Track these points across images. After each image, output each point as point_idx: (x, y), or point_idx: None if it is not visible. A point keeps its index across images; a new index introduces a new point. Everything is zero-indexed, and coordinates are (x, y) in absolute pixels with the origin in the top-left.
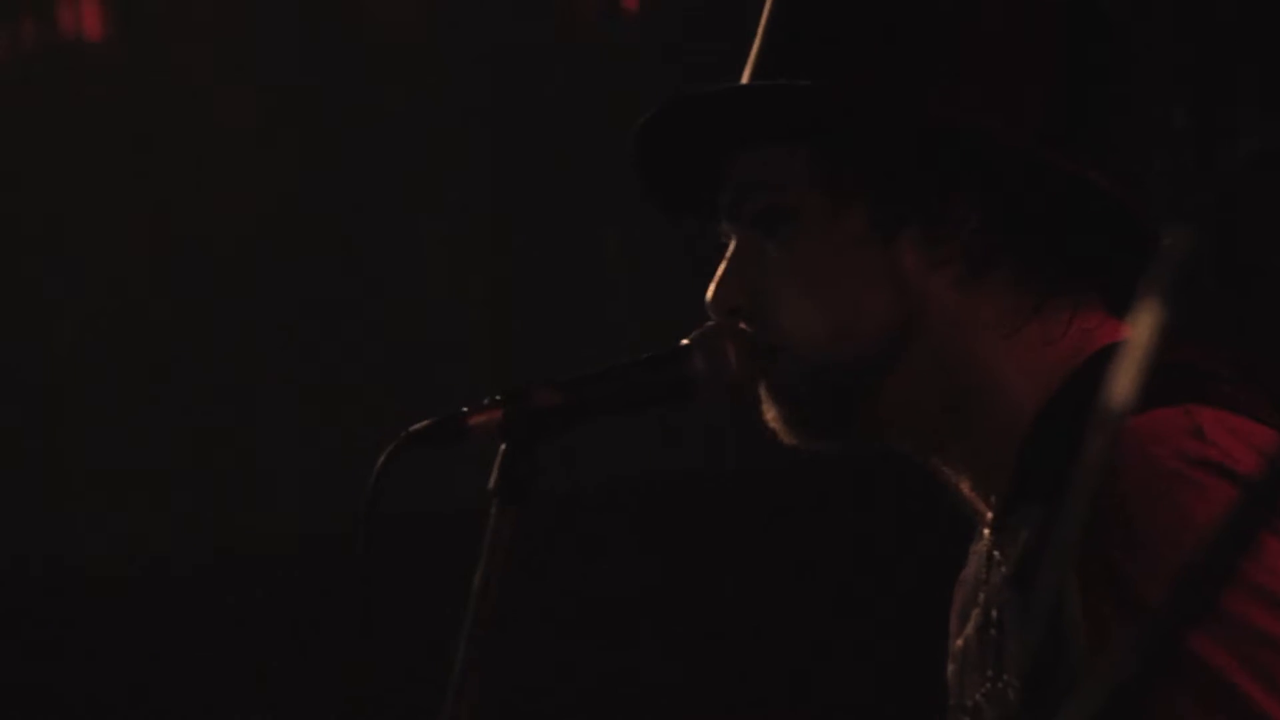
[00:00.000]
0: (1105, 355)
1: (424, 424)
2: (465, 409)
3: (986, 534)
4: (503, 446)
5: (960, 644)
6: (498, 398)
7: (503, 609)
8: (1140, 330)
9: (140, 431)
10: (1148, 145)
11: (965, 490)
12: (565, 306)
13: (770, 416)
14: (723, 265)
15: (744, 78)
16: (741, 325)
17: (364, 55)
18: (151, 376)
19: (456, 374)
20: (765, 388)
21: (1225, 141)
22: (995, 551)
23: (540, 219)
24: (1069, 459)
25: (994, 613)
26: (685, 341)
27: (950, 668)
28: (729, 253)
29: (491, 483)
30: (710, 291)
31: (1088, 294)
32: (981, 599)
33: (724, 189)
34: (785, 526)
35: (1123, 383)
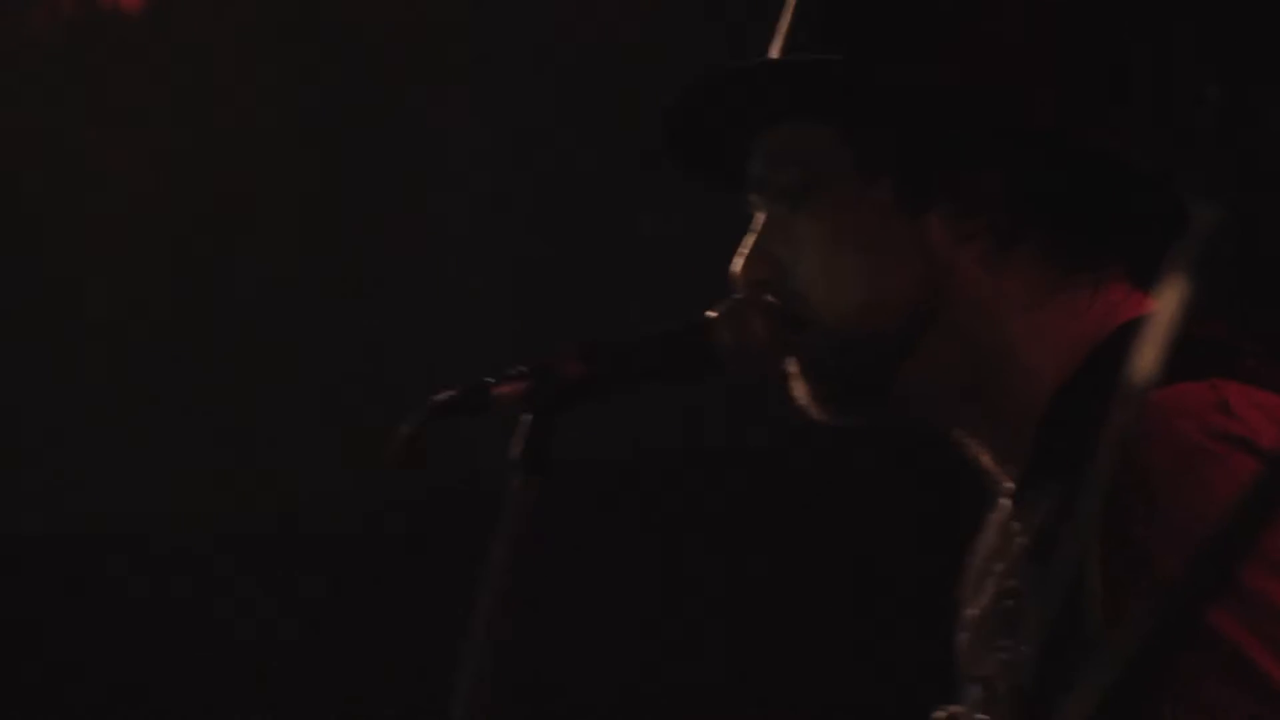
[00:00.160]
0: (1130, 329)
1: (449, 394)
2: (491, 379)
3: (1005, 504)
4: (528, 417)
5: (974, 613)
6: (523, 369)
7: (524, 581)
8: (1165, 305)
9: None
10: (1178, 119)
11: (986, 461)
12: (595, 283)
13: (799, 393)
14: (749, 237)
15: (772, 50)
16: (768, 297)
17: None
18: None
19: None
20: (794, 363)
21: (1257, 118)
22: (1014, 522)
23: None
24: (1091, 432)
25: (1011, 582)
26: (710, 313)
27: (961, 636)
28: (755, 225)
29: (516, 453)
30: (736, 264)
31: (1114, 269)
32: (999, 569)
33: (753, 161)
34: (776, 507)
35: (1147, 356)
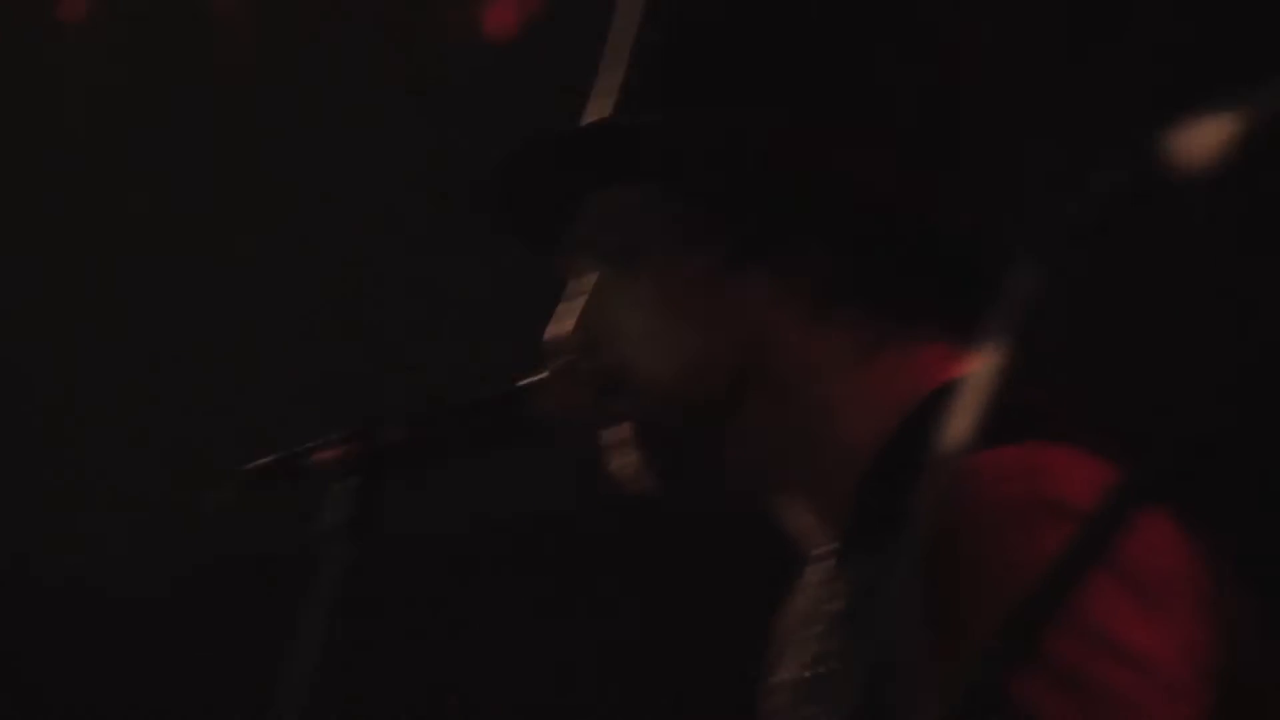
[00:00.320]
0: (946, 392)
1: (265, 460)
2: (309, 444)
3: (819, 568)
4: (348, 484)
5: (784, 678)
6: (344, 434)
7: (336, 648)
8: (981, 367)
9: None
10: (1002, 183)
11: (802, 525)
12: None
13: (616, 462)
14: (567, 301)
15: (597, 111)
16: (591, 363)
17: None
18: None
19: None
20: (618, 431)
21: (1079, 181)
22: (828, 586)
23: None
24: (908, 496)
25: (826, 648)
26: (532, 379)
27: (770, 701)
28: (573, 288)
29: (334, 520)
30: (557, 327)
31: (936, 331)
32: (811, 634)
33: (575, 224)
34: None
35: (961, 420)
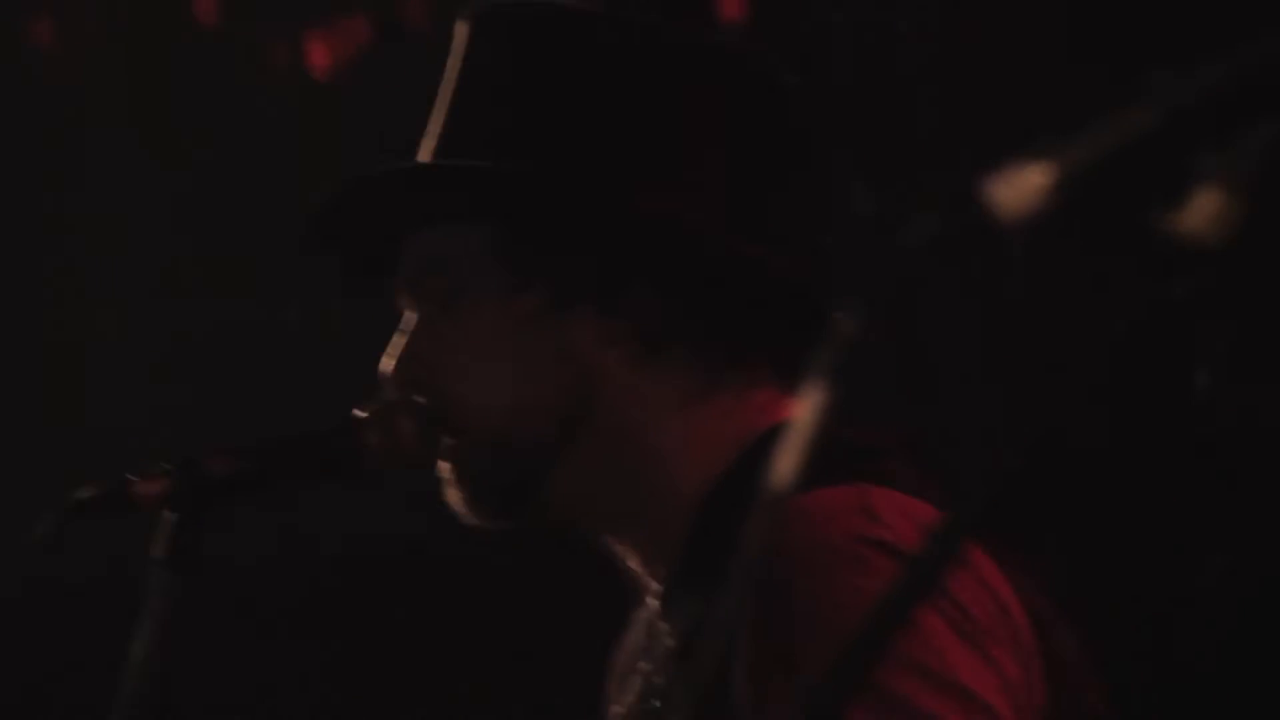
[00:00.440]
0: (775, 433)
1: (89, 493)
2: (132, 477)
3: (652, 604)
4: (170, 515)
5: (619, 711)
6: (166, 466)
7: (161, 682)
8: (806, 409)
9: None
10: (826, 225)
11: (634, 562)
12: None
13: (452, 498)
14: (399, 338)
15: (424, 152)
16: (418, 399)
17: None
18: None
19: None
20: (445, 470)
21: (902, 222)
22: (661, 623)
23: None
24: (736, 536)
25: (657, 682)
26: (358, 413)
27: None
28: (405, 323)
29: (157, 552)
30: (385, 364)
31: (764, 373)
32: (644, 668)
33: (404, 261)
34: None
35: (787, 460)
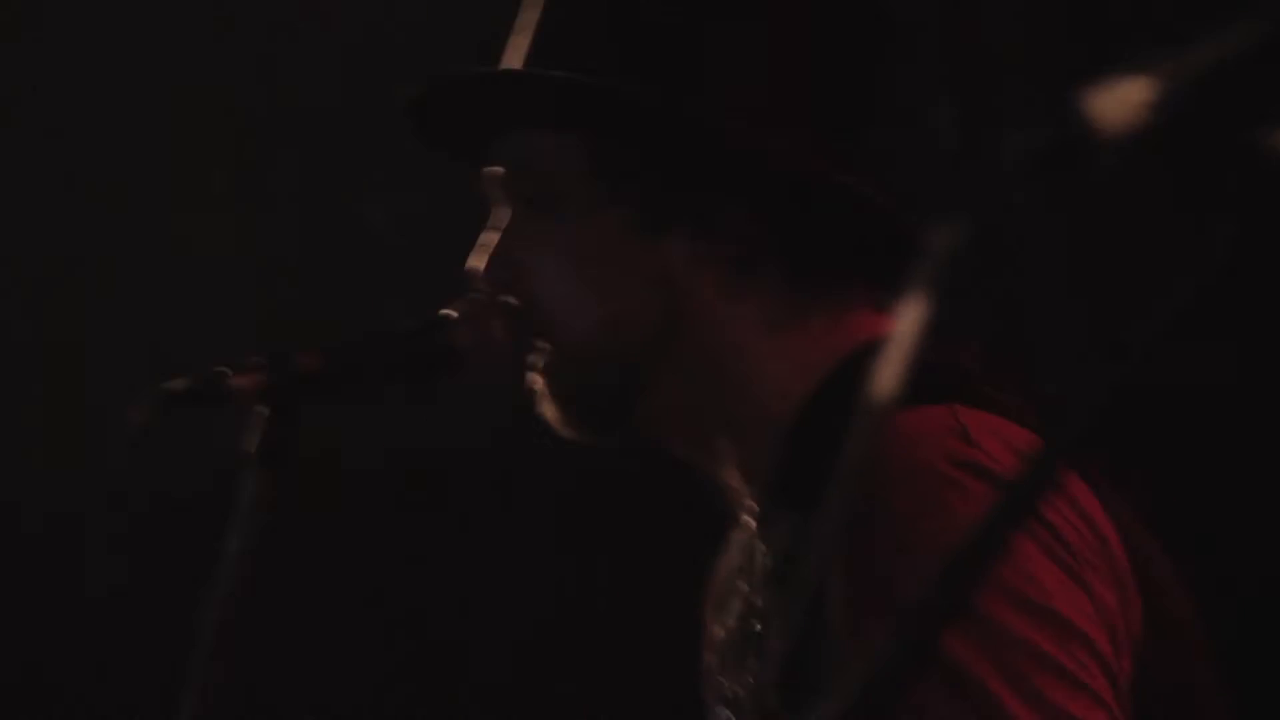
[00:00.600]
0: (869, 350)
1: (182, 383)
2: (226, 369)
3: (749, 523)
4: (264, 410)
5: (720, 634)
6: (260, 359)
7: (256, 575)
8: (903, 327)
9: None
10: (914, 141)
11: (728, 481)
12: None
13: (547, 413)
14: (488, 235)
15: (518, 52)
16: (508, 298)
17: None
18: None
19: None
20: (537, 384)
21: (990, 138)
22: (758, 542)
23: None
24: (831, 452)
25: (757, 603)
26: (449, 312)
27: (709, 657)
28: (495, 220)
29: (251, 446)
30: (474, 261)
31: (857, 295)
32: (744, 589)
33: (497, 155)
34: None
35: (886, 377)
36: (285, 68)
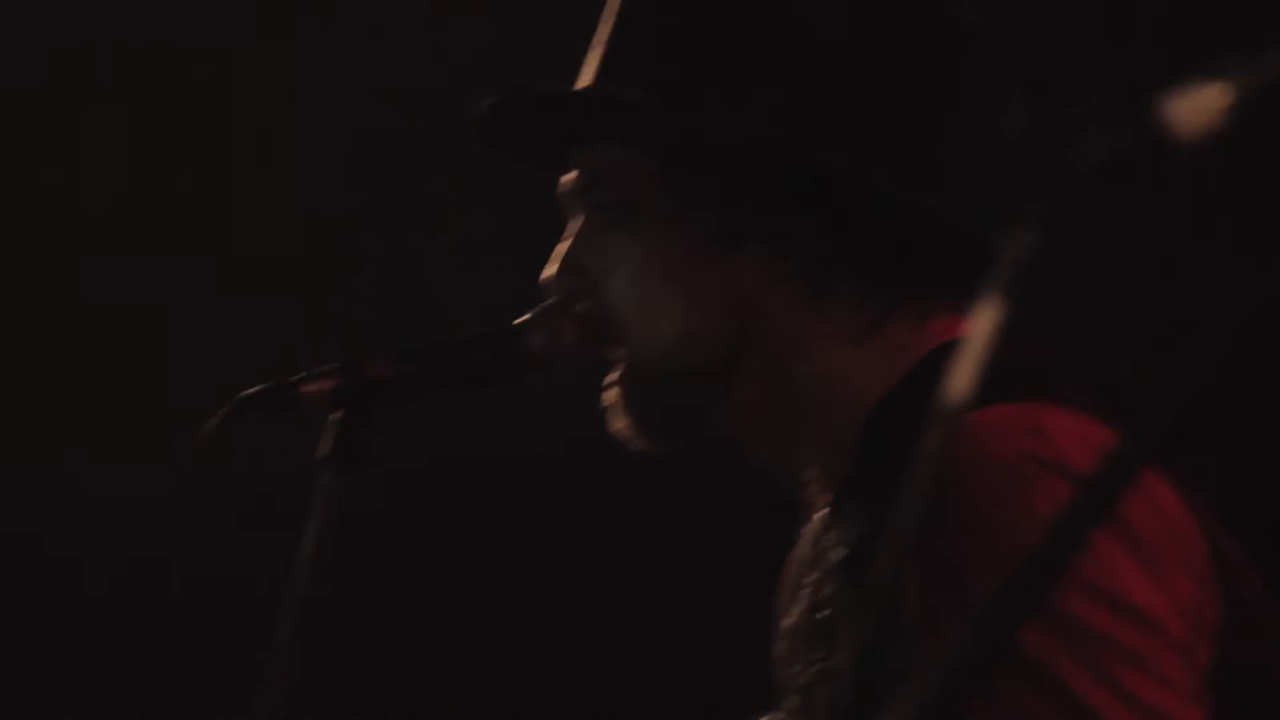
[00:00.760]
0: (945, 350)
1: (256, 390)
2: (299, 376)
3: (819, 515)
4: (336, 415)
5: (789, 623)
6: (332, 366)
7: (329, 579)
8: (979, 327)
9: None
10: (985, 148)
11: (801, 476)
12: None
13: (617, 425)
14: (564, 243)
15: (590, 67)
16: (580, 306)
17: None
18: None
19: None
20: (610, 399)
21: (1062, 143)
22: (829, 533)
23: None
24: (907, 449)
25: (826, 593)
26: (523, 319)
27: (777, 646)
28: (569, 232)
29: (323, 451)
30: (549, 269)
31: (933, 301)
32: (812, 579)
33: (572, 166)
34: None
35: (961, 377)
36: (359, 78)
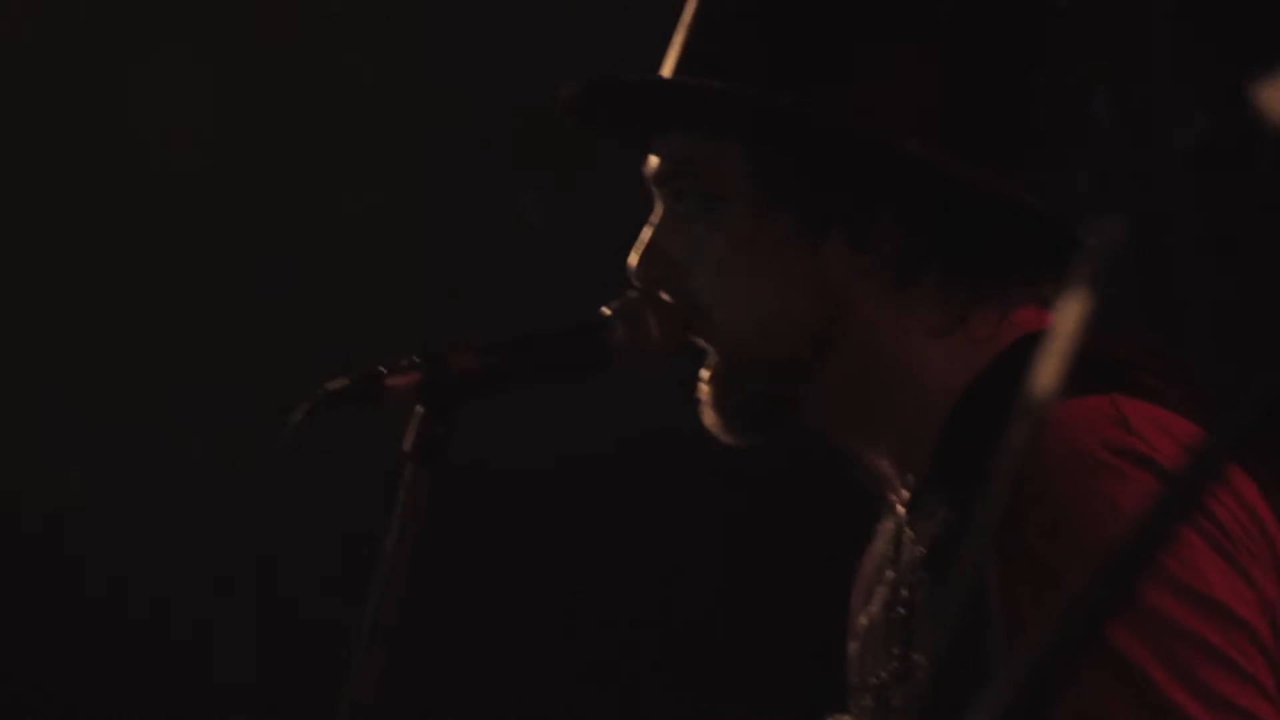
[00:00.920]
0: (1029, 342)
1: (341, 382)
2: (383, 369)
3: (899, 512)
4: (420, 409)
5: (864, 621)
6: (416, 359)
7: (412, 573)
8: (1065, 319)
9: None
10: (1071, 138)
11: (882, 469)
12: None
13: (707, 418)
14: (648, 231)
15: (673, 54)
16: (664, 295)
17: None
18: None
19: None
20: (701, 393)
21: (1150, 133)
22: (908, 530)
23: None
24: (989, 442)
25: (904, 591)
26: (607, 310)
27: (852, 645)
28: (654, 218)
29: (407, 444)
30: (634, 257)
31: (1018, 291)
32: (890, 577)
33: (658, 153)
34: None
35: (1047, 369)
36: (448, 65)
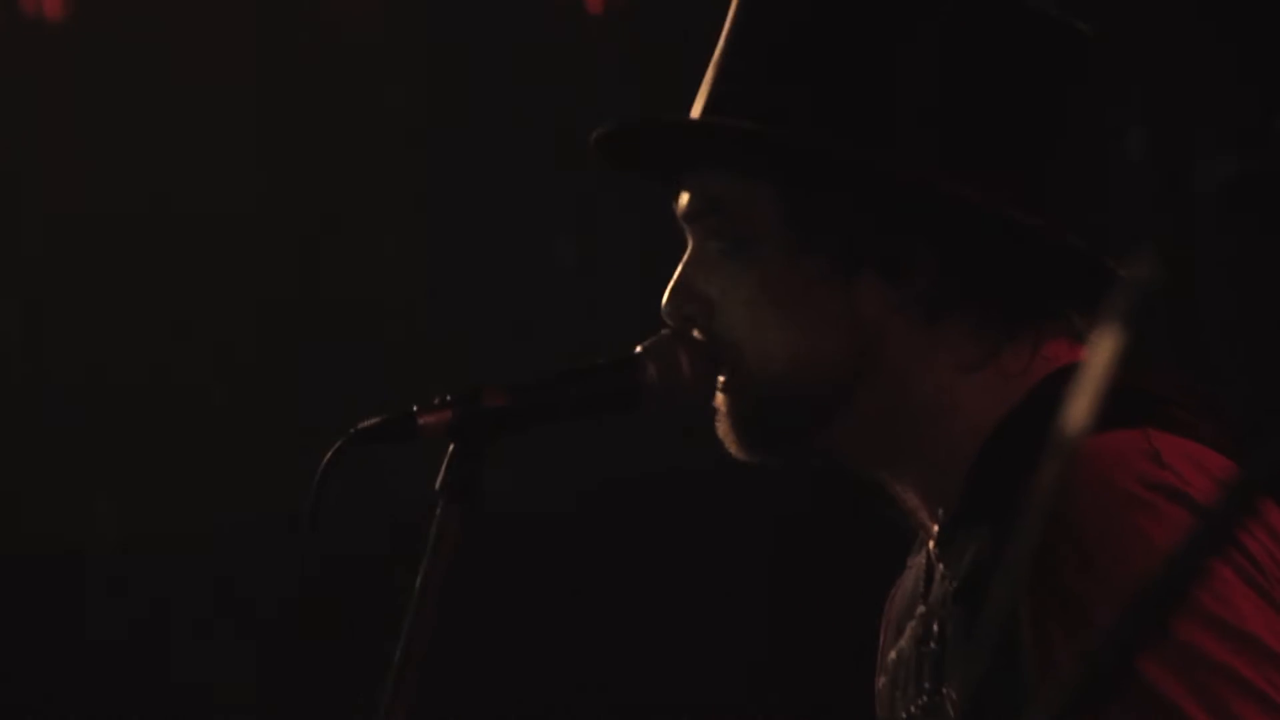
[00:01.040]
0: (1061, 376)
1: (373, 421)
2: (415, 408)
3: (930, 547)
4: (451, 446)
5: (893, 656)
6: (448, 398)
7: (444, 608)
8: (1097, 354)
9: None
10: (1105, 174)
11: (911, 503)
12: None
13: (720, 431)
14: (680, 269)
15: (703, 94)
16: (696, 333)
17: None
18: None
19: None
20: (719, 404)
21: (1184, 169)
22: (940, 565)
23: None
24: (1020, 477)
25: (935, 625)
26: (639, 349)
27: (880, 680)
28: (687, 256)
29: (439, 482)
30: (667, 295)
31: (1050, 327)
32: (920, 611)
33: (689, 191)
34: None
35: (1079, 404)
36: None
